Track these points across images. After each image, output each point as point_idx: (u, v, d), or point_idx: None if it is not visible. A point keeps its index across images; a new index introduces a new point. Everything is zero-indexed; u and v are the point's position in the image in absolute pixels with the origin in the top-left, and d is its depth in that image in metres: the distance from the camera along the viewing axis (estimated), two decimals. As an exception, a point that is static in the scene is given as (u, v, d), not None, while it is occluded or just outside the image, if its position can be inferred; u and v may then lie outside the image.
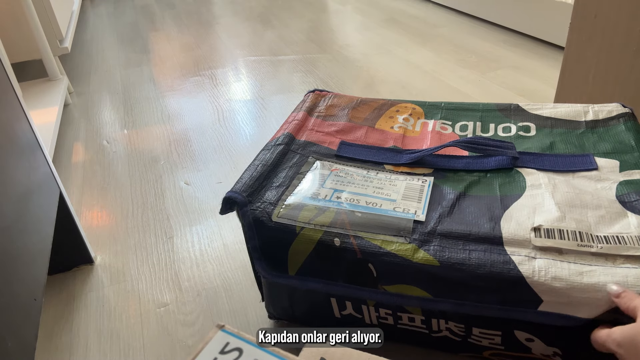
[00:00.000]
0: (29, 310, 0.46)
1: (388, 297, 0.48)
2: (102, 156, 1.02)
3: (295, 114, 0.66)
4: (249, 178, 0.53)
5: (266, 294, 0.57)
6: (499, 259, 0.43)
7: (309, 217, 0.49)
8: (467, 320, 0.47)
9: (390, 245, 0.46)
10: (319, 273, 0.50)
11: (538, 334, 0.45)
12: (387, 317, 0.51)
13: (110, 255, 0.75)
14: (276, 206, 0.51)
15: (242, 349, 0.30)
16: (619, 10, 0.72)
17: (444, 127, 0.62)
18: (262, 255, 0.51)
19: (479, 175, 0.53)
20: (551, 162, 0.54)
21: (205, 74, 1.40)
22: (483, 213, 0.48)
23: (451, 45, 1.44)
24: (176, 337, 0.60)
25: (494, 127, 0.61)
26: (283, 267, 0.51)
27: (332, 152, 0.59)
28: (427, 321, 0.50)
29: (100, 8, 2.23)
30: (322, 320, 0.55)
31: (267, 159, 0.56)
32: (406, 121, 0.64)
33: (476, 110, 0.65)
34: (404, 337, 0.53)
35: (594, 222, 0.45)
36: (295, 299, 0.55)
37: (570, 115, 0.61)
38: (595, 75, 0.78)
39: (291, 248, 0.49)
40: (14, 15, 1.13)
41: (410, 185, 0.53)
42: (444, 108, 0.66)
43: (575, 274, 0.41)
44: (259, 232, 0.50)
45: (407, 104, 0.67)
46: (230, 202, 0.51)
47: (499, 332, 0.47)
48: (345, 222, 0.48)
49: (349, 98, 0.70)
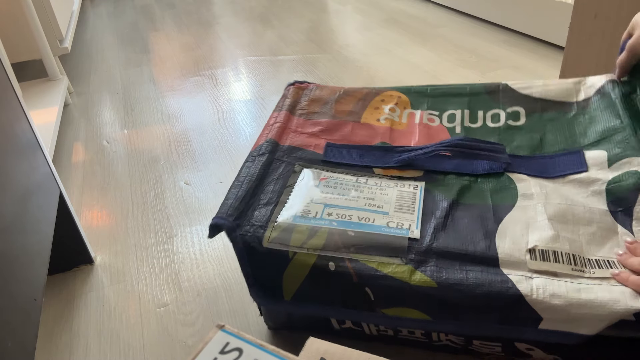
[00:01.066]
0: (29, 310, 0.46)
1: (386, 321, 0.47)
2: (102, 156, 1.02)
3: (277, 114, 0.63)
4: (234, 199, 0.51)
5: (264, 311, 0.56)
6: (497, 278, 0.43)
7: (302, 240, 0.47)
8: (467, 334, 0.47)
9: (387, 267, 0.45)
10: (315, 298, 0.48)
11: (539, 345, 0.45)
12: (387, 330, 0.51)
13: (110, 255, 0.75)
14: (266, 229, 0.48)
15: (242, 349, 0.30)
16: (619, 10, 0.72)
17: (431, 118, 0.61)
18: (255, 281, 0.49)
19: (470, 180, 0.53)
20: (541, 165, 0.53)
21: (205, 74, 1.40)
22: (477, 227, 0.47)
23: (451, 45, 1.44)
24: (176, 337, 0.60)
25: (482, 116, 0.59)
26: (278, 292, 0.49)
27: (318, 157, 0.57)
28: (428, 334, 0.49)
29: (100, 8, 2.23)
30: (322, 332, 0.54)
31: (251, 173, 0.54)
32: (392, 112, 0.62)
33: (463, 94, 0.63)
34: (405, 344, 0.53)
35: (585, 241, 0.45)
36: (293, 316, 0.54)
37: (561, 96, 0.59)
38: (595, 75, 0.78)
39: (285, 273, 0.48)
40: (14, 15, 1.13)
41: (401, 193, 0.52)
42: (430, 95, 0.64)
43: (573, 291, 0.41)
44: (250, 258, 0.48)
45: (392, 92, 0.65)
46: (217, 228, 0.49)
47: (500, 344, 0.47)
48: (338, 244, 0.47)
49: (331, 89, 0.67)
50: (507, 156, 0.54)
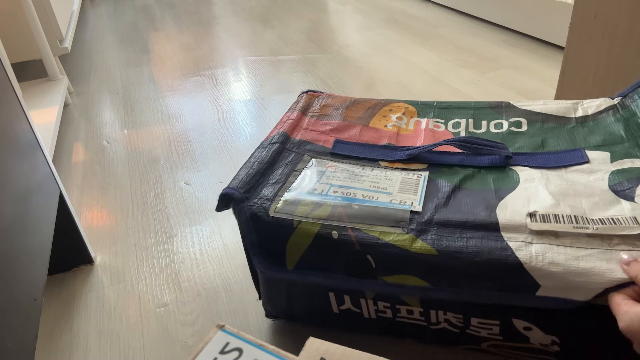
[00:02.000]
0: (29, 310, 0.46)
1: (387, 288, 0.48)
2: (102, 156, 1.02)
3: (290, 114, 0.67)
4: (245, 175, 0.54)
5: (263, 292, 0.57)
6: (496, 245, 0.44)
7: (306, 211, 0.50)
8: (466, 310, 0.48)
9: (388, 236, 0.47)
10: (317, 266, 0.50)
11: (536, 322, 0.46)
12: (385, 310, 0.52)
13: (110, 255, 0.75)
14: (273, 202, 0.51)
15: (242, 349, 0.30)
16: (619, 10, 0.72)
17: (437, 124, 0.63)
18: (259, 250, 0.51)
19: (473, 171, 0.54)
20: (543, 159, 0.54)
21: (205, 74, 1.40)
22: (479, 203, 0.49)
23: (451, 45, 1.44)
24: (176, 337, 0.60)
25: (486, 124, 0.62)
26: (281, 261, 0.51)
27: (327, 150, 0.60)
28: (426, 313, 0.50)
29: (100, 8, 2.23)
30: (320, 317, 0.56)
31: (262, 156, 0.57)
32: (399, 120, 0.65)
33: (468, 108, 0.66)
34: (402, 331, 0.53)
35: (588, 208, 0.46)
36: (293, 295, 0.55)
37: (561, 112, 0.61)
38: (595, 75, 0.78)
39: (289, 242, 0.50)
40: (14, 15, 1.13)
41: (405, 179, 0.54)
42: (437, 107, 0.67)
43: (572, 259, 0.41)
44: (256, 227, 0.50)
45: (400, 104, 0.68)
46: (227, 198, 0.51)
47: (497, 322, 0.47)
48: (342, 215, 0.49)
49: (342, 98, 0.71)
50: (508, 151, 0.55)
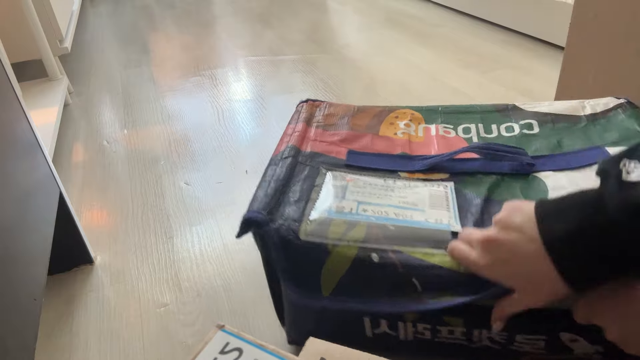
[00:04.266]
0: (29, 310, 0.46)
1: (431, 310, 0.45)
2: (102, 156, 1.02)
3: (294, 126, 0.63)
4: (264, 195, 0.50)
5: (290, 319, 0.54)
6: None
7: (340, 233, 0.46)
8: (512, 327, 0.45)
9: (433, 257, 0.44)
10: (356, 292, 0.47)
11: (584, 334, 0.44)
12: (424, 332, 0.49)
13: (110, 255, 0.75)
14: (301, 222, 0.47)
15: (242, 349, 0.30)
16: (619, 10, 0.72)
17: (447, 130, 0.61)
18: (292, 277, 0.47)
19: (497, 178, 0.52)
20: (565, 161, 0.52)
21: (205, 74, 1.40)
22: None
23: (451, 45, 1.44)
24: (176, 337, 0.60)
25: (496, 128, 0.60)
26: (316, 287, 0.47)
27: (341, 162, 0.56)
28: (469, 332, 0.47)
29: (100, 8, 2.23)
30: (351, 341, 0.52)
31: (277, 173, 0.53)
32: (407, 127, 0.62)
33: (475, 112, 0.64)
34: (440, 351, 0.50)
35: None
36: (323, 320, 0.51)
37: (569, 111, 0.60)
38: (595, 75, 0.78)
39: (324, 267, 0.46)
40: (14, 15, 1.12)
41: (433, 192, 0.51)
42: (442, 112, 0.65)
43: None
44: (286, 252, 0.46)
45: (405, 110, 0.66)
46: (250, 222, 0.47)
47: (545, 337, 0.46)
48: (379, 236, 0.46)
49: (345, 106, 0.68)
50: (529, 157, 0.53)
